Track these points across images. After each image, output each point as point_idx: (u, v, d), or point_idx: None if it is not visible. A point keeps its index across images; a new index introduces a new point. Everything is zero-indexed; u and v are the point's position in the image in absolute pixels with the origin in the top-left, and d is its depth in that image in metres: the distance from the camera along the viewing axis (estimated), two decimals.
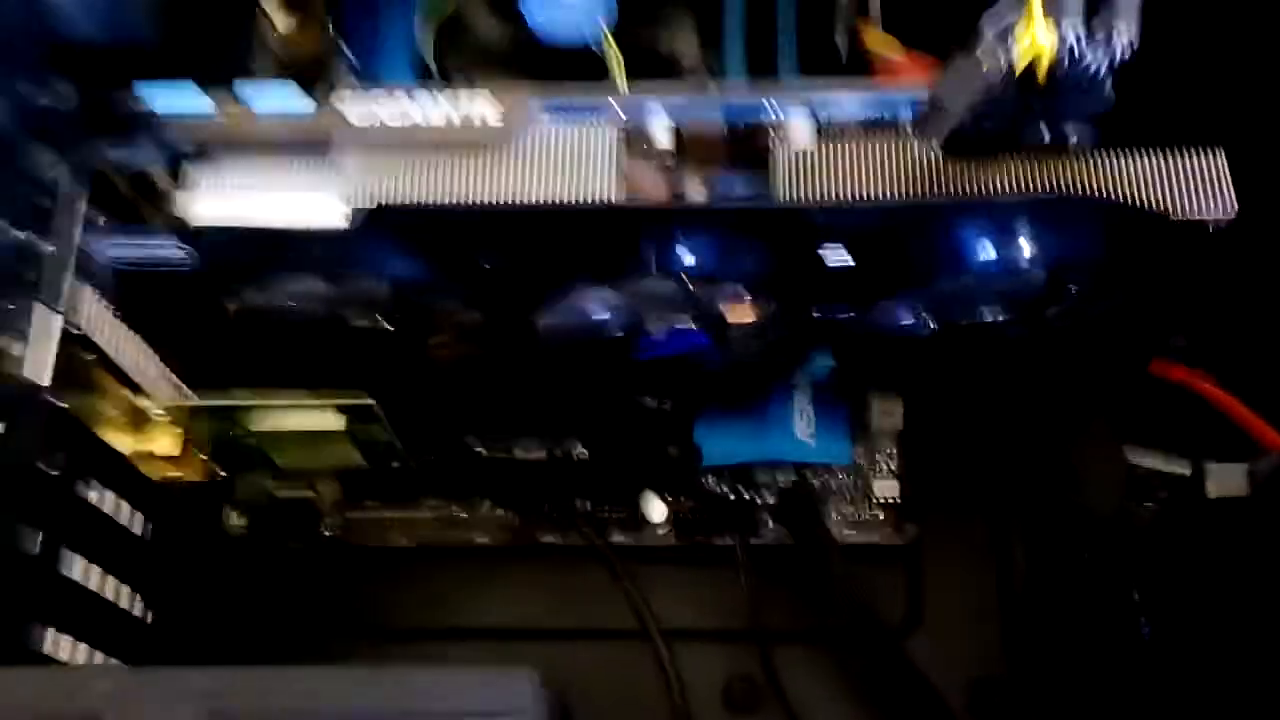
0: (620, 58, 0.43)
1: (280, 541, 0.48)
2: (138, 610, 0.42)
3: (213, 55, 0.41)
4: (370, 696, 0.26)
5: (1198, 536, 0.37)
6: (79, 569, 0.38)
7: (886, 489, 0.47)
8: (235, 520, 0.48)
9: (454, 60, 0.45)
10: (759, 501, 0.48)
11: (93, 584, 0.39)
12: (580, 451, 0.48)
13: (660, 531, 0.48)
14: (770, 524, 0.48)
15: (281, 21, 0.47)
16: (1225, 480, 0.36)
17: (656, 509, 0.48)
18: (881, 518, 0.47)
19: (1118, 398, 0.44)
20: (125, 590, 0.41)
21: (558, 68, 0.41)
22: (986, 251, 0.36)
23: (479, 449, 0.48)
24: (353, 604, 0.48)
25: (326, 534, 0.49)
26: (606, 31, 0.43)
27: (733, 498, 0.48)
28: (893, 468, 0.47)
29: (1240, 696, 0.36)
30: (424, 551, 0.48)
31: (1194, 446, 0.40)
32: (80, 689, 0.26)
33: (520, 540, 0.48)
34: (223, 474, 0.47)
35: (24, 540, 0.35)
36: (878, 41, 0.43)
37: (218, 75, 0.39)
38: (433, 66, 0.44)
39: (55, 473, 0.36)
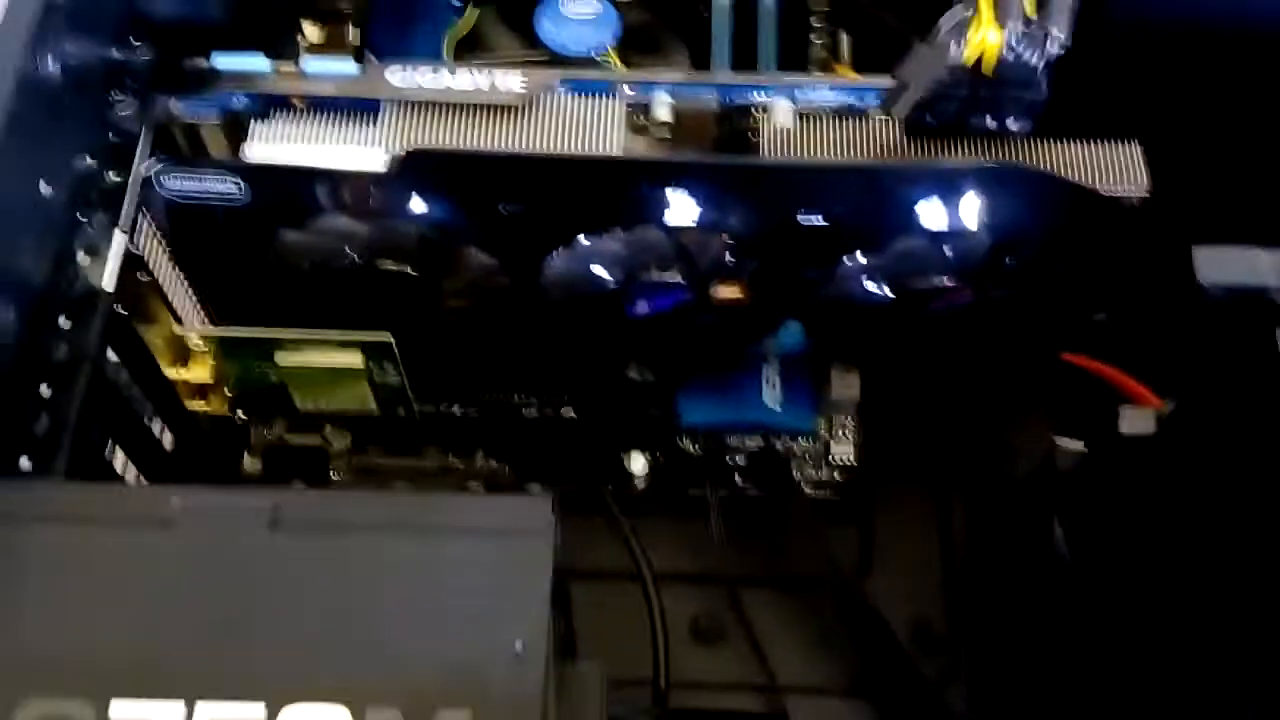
0: (622, 65, 0.50)
1: (291, 483, 0.53)
2: None
3: (268, 38, 0.46)
4: (407, 513, 0.31)
5: (1113, 470, 0.43)
6: (119, 461, 0.42)
7: (844, 453, 0.53)
8: (251, 463, 0.53)
9: None
10: (730, 461, 0.53)
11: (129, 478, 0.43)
12: (570, 412, 0.53)
13: (640, 484, 0.53)
14: (740, 480, 0.53)
15: (311, 33, 0.53)
16: (1137, 421, 0.42)
17: (638, 464, 0.53)
18: (838, 478, 0.52)
19: (1044, 380, 0.50)
20: None
21: None
22: (937, 215, 0.42)
23: (479, 403, 0.53)
24: None
25: (334, 478, 0.53)
26: (611, 48, 0.50)
27: (707, 457, 0.53)
28: (850, 434, 0.53)
29: (1154, 613, 0.41)
30: None
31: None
32: (156, 500, 0.30)
33: (511, 489, 0.53)
34: (244, 415, 0.51)
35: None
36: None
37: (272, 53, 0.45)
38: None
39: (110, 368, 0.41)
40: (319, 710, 0.28)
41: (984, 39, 0.40)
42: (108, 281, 0.41)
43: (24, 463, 0.36)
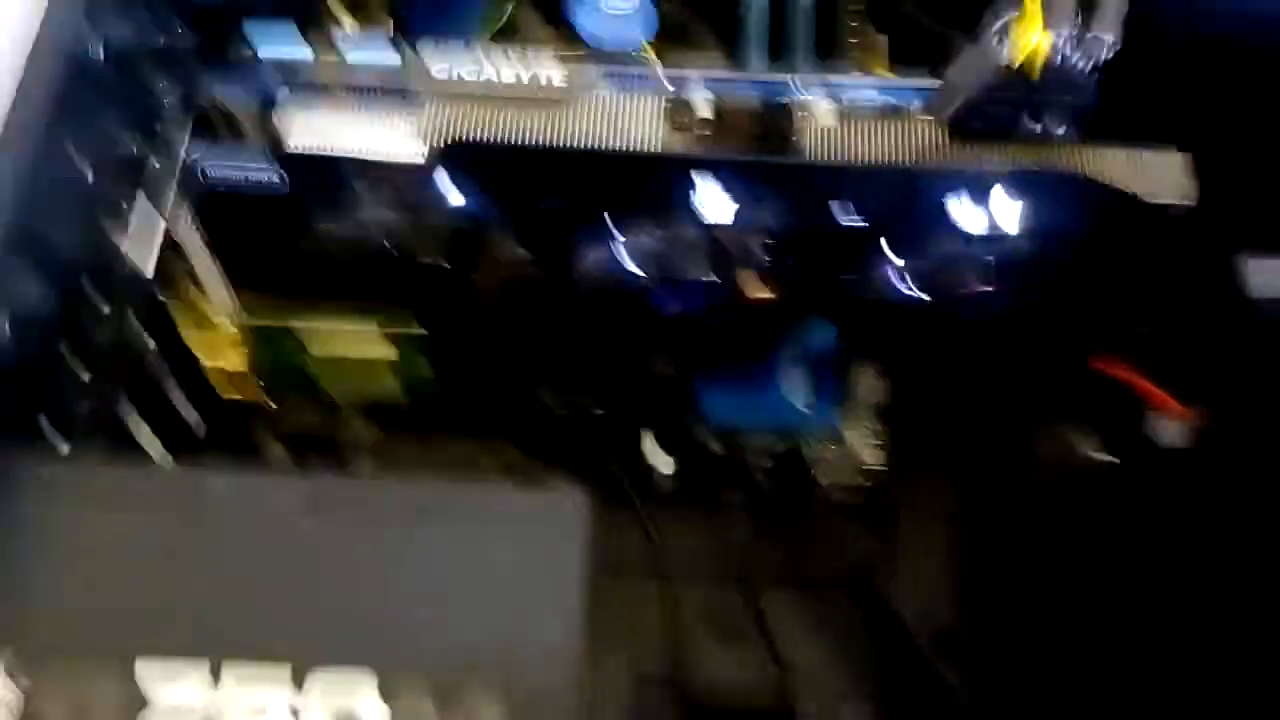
0: (658, 60, 0.49)
1: (316, 469, 0.52)
2: None
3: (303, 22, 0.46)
4: (443, 502, 0.30)
5: (1143, 481, 0.42)
6: (149, 442, 0.42)
7: (867, 455, 0.52)
8: (276, 449, 0.53)
9: None
10: (753, 460, 0.53)
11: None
12: (596, 407, 0.53)
13: (663, 482, 0.53)
14: (762, 479, 0.52)
15: (346, 23, 0.53)
16: (1166, 432, 0.41)
17: (661, 462, 0.53)
18: (862, 480, 0.52)
19: (1073, 385, 0.49)
20: None
21: None
22: (975, 218, 0.41)
23: (506, 396, 0.52)
24: None
25: (359, 467, 0.53)
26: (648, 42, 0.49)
27: (731, 456, 0.53)
28: (874, 436, 0.52)
29: (1180, 626, 0.41)
30: None
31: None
32: (194, 482, 0.30)
33: (535, 483, 0.53)
34: (273, 402, 0.51)
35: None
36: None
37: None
38: None
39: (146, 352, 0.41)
40: (354, 698, 0.28)
41: (1032, 42, 0.39)
42: (146, 266, 0.41)
43: (61, 443, 0.36)
